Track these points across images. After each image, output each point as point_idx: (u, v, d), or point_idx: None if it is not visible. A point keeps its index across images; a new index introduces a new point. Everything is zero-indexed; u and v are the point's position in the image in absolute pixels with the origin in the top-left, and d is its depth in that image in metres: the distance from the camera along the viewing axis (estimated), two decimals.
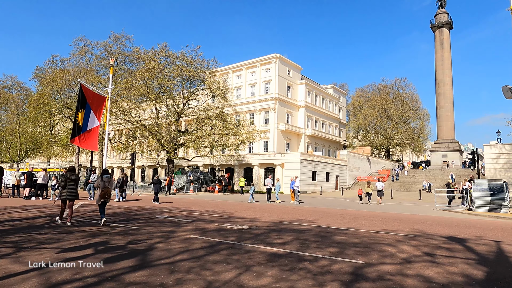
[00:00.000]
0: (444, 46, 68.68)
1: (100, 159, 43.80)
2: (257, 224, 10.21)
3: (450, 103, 67.94)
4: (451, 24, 69.98)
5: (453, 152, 66.07)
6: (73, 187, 9.83)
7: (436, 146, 68.18)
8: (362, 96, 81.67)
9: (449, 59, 68.88)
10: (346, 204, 23.25)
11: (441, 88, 67.70)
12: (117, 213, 12.62)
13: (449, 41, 70.11)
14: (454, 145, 66.52)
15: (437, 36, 69.61)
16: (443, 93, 67.13)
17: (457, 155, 66.47)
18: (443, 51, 68.39)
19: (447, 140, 66.82)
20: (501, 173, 30.26)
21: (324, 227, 9.90)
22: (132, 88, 34.79)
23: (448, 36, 69.82)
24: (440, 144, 67.28)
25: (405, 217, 14.42)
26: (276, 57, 59.37)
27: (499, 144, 31.34)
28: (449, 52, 69.04)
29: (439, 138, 67.68)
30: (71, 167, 10.31)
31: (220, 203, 20.39)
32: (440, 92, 67.49)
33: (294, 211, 15.75)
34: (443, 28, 68.93)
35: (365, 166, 62.04)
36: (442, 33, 69.12)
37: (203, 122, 35.92)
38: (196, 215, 12.39)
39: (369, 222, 11.82)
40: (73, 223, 9.64)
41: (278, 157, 47.32)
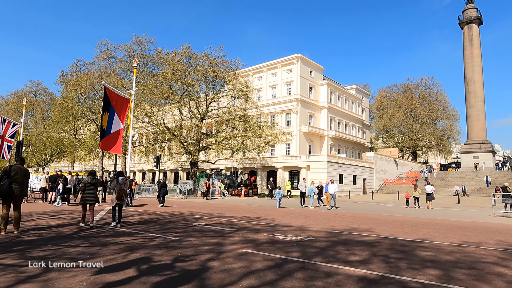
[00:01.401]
0: (474, 42, 65.59)
1: (123, 162, 43.47)
2: (311, 234, 8.88)
3: (481, 102, 64.69)
4: (481, 19, 66.85)
5: (485, 154, 62.73)
6: (93, 191, 10.04)
7: (466, 147, 64.92)
8: (386, 97, 79.04)
9: (479, 56, 65.69)
10: (388, 209, 21.59)
11: (470, 86, 64.62)
12: (149, 220, 11.55)
13: (479, 37, 66.91)
14: (486, 146, 63.18)
15: (466, 33, 66.58)
16: (473, 92, 64.05)
17: (489, 157, 63.07)
18: (472, 48, 65.32)
19: (478, 140, 63.55)
20: None
21: (392, 238, 8.47)
22: (156, 90, 34.18)
23: (477, 32, 66.66)
24: (471, 145, 64.04)
25: (468, 224, 12.76)
26: (298, 58, 57.95)
27: None
28: (478, 49, 65.84)
29: (470, 138, 64.49)
30: (91, 171, 10.44)
31: (252, 208, 19.13)
32: (470, 90, 64.42)
33: (339, 217, 14.31)
34: (472, 24, 65.90)
35: (392, 168, 59.63)
36: (471, 29, 66.07)
37: (227, 124, 34.86)
38: (235, 223, 11.16)
39: (435, 231, 10.30)
40: (104, 231, 8.60)
41: (303, 160, 45.79)
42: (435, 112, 73.14)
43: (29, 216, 11.90)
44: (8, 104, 58.31)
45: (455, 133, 71.62)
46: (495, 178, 51.50)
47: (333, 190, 20.19)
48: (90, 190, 9.95)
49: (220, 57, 36.42)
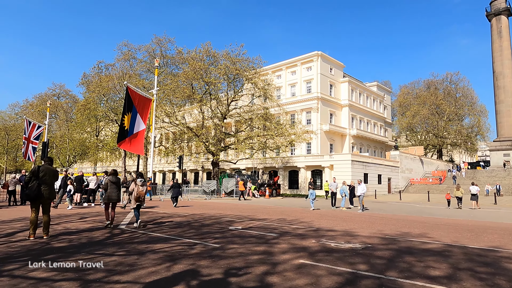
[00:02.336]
0: (503, 35, 62.60)
1: (144, 163, 43.42)
2: (363, 240, 7.96)
3: (511, 97, 61.66)
4: (510, 10, 63.73)
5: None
6: (115, 190, 10.20)
7: (496, 145, 62.00)
8: (409, 93, 76.56)
9: (509, 49, 62.63)
10: (426, 210, 20.28)
11: (500, 81, 61.72)
12: (181, 223, 10.88)
13: (508, 29, 63.81)
14: None
15: (494, 25, 63.64)
16: (502, 87, 61.15)
17: None
18: (501, 41, 62.35)
19: (509, 137, 60.58)
20: None
21: (459, 246, 7.46)
22: (177, 89, 33.80)
23: (506, 23, 63.61)
24: (501, 142, 61.11)
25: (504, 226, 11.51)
26: (318, 55, 56.66)
27: None
28: (508, 41, 62.77)
29: (500, 135, 61.57)
30: (113, 171, 10.59)
31: (282, 209, 18.28)
32: (499, 85, 61.55)
33: (380, 220, 13.29)
34: (500, 15, 62.94)
35: (418, 167, 57.53)
36: (499, 21, 63.13)
37: (251, 123, 34.12)
38: (274, 226, 10.34)
39: (500, 236, 9.19)
40: (137, 236, 7.96)
41: (326, 159, 44.55)
42: (462, 108, 70.26)
43: (57, 219, 11.45)
44: (32, 107, 59.57)
45: (484, 130, 68.53)
46: None
47: (360, 191, 19.07)
48: (113, 189, 10.10)
49: (241, 55, 35.82)
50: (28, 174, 7.94)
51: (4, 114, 69.95)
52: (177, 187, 19.95)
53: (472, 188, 21.76)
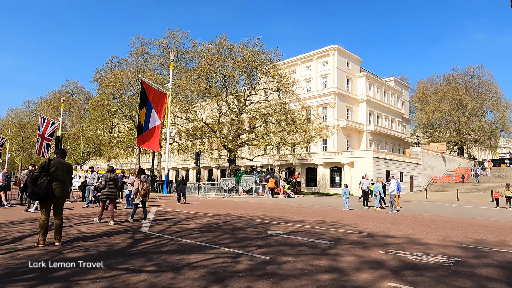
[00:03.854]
0: None
1: (159, 160, 42.45)
2: (440, 250, 6.48)
3: None
4: None
5: None
6: (113, 188, 9.93)
7: None
8: (428, 88, 73.85)
9: None
10: (468, 210, 18.59)
11: None
12: (209, 226, 9.55)
13: None
14: None
15: None
16: None
17: None
18: None
19: None
20: None
21: None
22: (192, 83, 32.58)
23: None
24: None
25: None
26: (334, 49, 54.79)
27: None
28: None
29: None
30: (110, 168, 10.34)
31: (313, 210, 16.86)
32: None
33: (431, 223, 11.77)
34: None
35: (440, 164, 55.27)
36: None
37: (269, 118, 32.64)
38: (318, 231, 8.93)
39: None
40: (164, 243, 6.66)
41: (346, 156, 42.83)
42: (485, 103, 67.37)
43: (71, 220, 10.28)
44: (47, 104, 59.28)
45: (509, 126, 65.54)
46: None
47: (392, 189, 17.29)
48: (110, 187, 9.84)
49: (258, 48, 34.32)
50: (37, 169, 6.69)
51: (19, 111, 70.14)
52: (183, 184, 19.72)
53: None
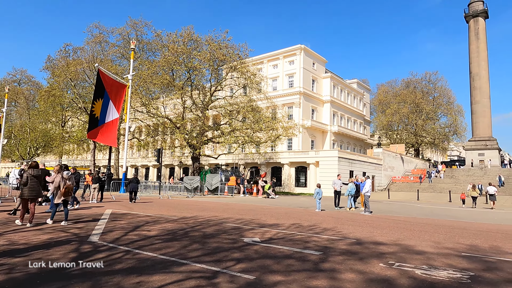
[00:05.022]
0: (480, 36, 63.47)
1: (116, 157, 39.71)
2: (444, 261, 5.74)
3: (487, 98, 62.83)
4: (487, 12, 64.77)
5: (491, 151, 60.87)
6: (36, 185, 9.03)
7: (471, 144, 62.97)
8: (389, 91, 76.61)
9: (485, 50, 63.67)
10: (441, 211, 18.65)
11: (476, 82, 62.62)
12: (174, 232, 8.22)
13: (485, 31, 64.82)
14: (492, 143, 61.32)
15: (472, 26, 64.45)
16: (479, 87, 62.09)
17: (495, 154, 61.26)
18: (478, 42, 63.20)
19: (484, 137, 61.63)
20: None
21: None
22: (155, 76, 30.53)
23: (483, 26, 64.56)
24: (476, 142, 62.10)
25: None
26: (301, 49, 54.83)
27: None
28: (485, 43, 63.75)
29: (475, 135, 62.54)
30: (33, 163, 9.40)
31: (285, 211, 15.96)
32: (476, 86, 62.44)
33: (411, 225, 11.28)
34: (478, 17, 63.80)
35: (399, 165, 57.19)
36: (477, 23, 63.95)
37: (236, 115, 31.44)
38: (299, 237, 7.93)
39: None
40: (119, 257, 5.33)
41: (311, 155, 42.73)
42: (440, 108, 71.14)
43: (2, 226, 8.48)
44: None
45: (461, 130, 69.67)
46: (507, 176, 49.49)
47: (366, 190, 16.94)
48: (33, 184, 8.90)
49: (225, 42, 32.97)
50: None
51: None
52: (135, 182, 18.64)
53: (490, 189, 21.01)
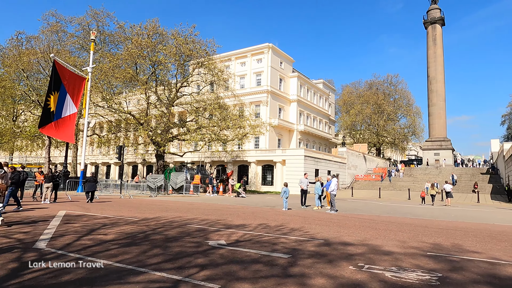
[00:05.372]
0: (437, 42, 66.96)
1: (74, 154, 37.53)
2: (412, 262, 5.70)
3: (442, 101, 66.42)
4: (444, 20, 68.48)
5: (446, 151, 64.50)
6: None
7: (428, 144, 66.38)
8: (353, 92, 78.91)
9: (442, 56, 67.26)
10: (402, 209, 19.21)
11: (433, 85, 66.01)
12: (134, 236, 7.65)
13: (442, 37, 68.48)
14: (446, 143, 65.00)
15: (430, 32, 67.83)
16: (435, 90, 65.49)
17: (449, 154, 64.97)
18: (435, 48, 66.65)
19: (439, 138, 65.18)
20: None
21: None
22: (117, 69, 29.09)
23: (440, 32, 68.15)
24: (433, 142, 65.57)
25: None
26: (269, 47, 54.92)
27: None
28: (441, 48, 67.37)
29: (431, 136, 66.00)
30: None
31: (251, 210, 15.69)
32: (433, 89, 65.82)
33: (376, 224, 11.41)
34: (435, 24, 67.26)
35: (361, 164, 59.03)
36: (434, 29, 67.41)
37: (203, 112, 30.70)
38: (267, 239, 7.66)
39: None
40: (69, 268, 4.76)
41: (278, 154, 42.91)
42: (400, 109, 74.33)
43: None
44: None
45: (419, 130, 73.27)
46: (460, 175, 52.50)
47: (332, 188, 17.09)
48: None
49: (191, 37, 32.08)
50: None
51: None
52: (93, 181, 17.69)
53: (446, 187, 21.96)
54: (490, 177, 46.88)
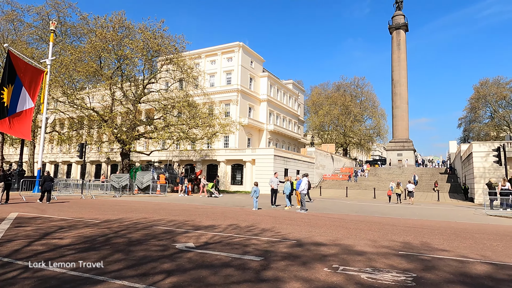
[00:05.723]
0: (401, 47, 69.61)
1: (31, 151, 35.22)
2: (385, 262, 5.62)
3: (406, 103, 69.10)
4: (407, 26, 71.31)
5: (408, 151, 67.20)
6: None
7: (392, 145, 68.92)
8: (321, 93, 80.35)
9: (405, 60, 69.95)
10: (369, 208, 19.54)
11: (397, 88, 68.55)
12: (93, 239, 7.05)
13: (405, 42, 71.24)
14: (408, 144, 67.75)
15: (394, 38, 70.39)
16: (399, 93, 68.03)
17: (411, 154, 67.76)
18: (399, 52, 69.26)
19: (402, 139, 67.82)
20: (490, 172, 29.13)
21: None
22: (79, 63, 27.52)
23: (404, 37, 70.86)
24: (396, 143, 68.12)
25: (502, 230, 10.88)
26: (239, 46, 54.61)
27: (488, 142, 30.23)
28: (405, 53, 70.09)
29: (395, 137, 68.57)
30: None
31: (221, 210, 15.29)
32: (396, 92, 68.32)
33: (345, 223, 11.43)
34: (400, 29, 69.89)
35: (329, 164, 60.14)
36: (399, 34, 70.01)
37: (172, 109, 29.77)
38: (238, 241, 7.35)
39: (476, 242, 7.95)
40: (14, 278, 4.20)
41: (248, 153, 42.67)
42: (366, 111, 76.62)
43: None
44: None
45: (383, 131, 75.88)
46: (421, 175, 54.78)
47: (303, 187, 17.10)
48: None
49: (160, 32, 31.01)
50: None
51: None
52: (49, 180, 16.98)
53: (409, 186, 22.68)
54: (448, 177, 49.34)
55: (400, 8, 72.61)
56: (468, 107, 74.83)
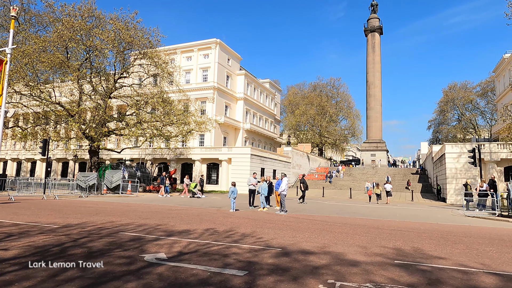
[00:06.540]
0: (375, 50, 70.84)
1: None
2: (384, 274, 5.01)
3: (379, 105, 70.42)
4: (382, 29, 72.77)
5: (381, 152, 68.55)
6: None
7: (366, 146, 70.08)
8: (298, 93, 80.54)
9: (380, 62, 71.25)
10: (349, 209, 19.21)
11: (371, 90, 69.73)
12: (47, 249, 6.02)
13: (380, 45, 72.56)
14: (381, 145, 69.12)
15: (369, 40, 71.57)
16: (373, 95, 69.24)
17: (384, 155, 69.17)
18: (374, 55, 70.48)
19: (375, 140, 69.09)
20: (461, 173, 29.81)
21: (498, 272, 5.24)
22: (44, 53, 25.57)
23: (379, 40, 72.17)
24: (370, 144, 69.31)
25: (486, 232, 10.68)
26: (216, 43, 53.53)
27: (460, 144, 30.96)
28: (379, 55, 71.39)
29: (368, 138, 69.75)
30: None
31: (196, 212, 14.36)
32: (371, 93, 69.50)
33: (330, 226, 10.87)
34: (375, 32, 71.14)
35: (305, 163, 60.20)
36: (374, 37, 71.23)
37: (145, 106, 28.34)
38: (216, 250, 6.54)
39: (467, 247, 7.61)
40: None
41: (224, 152, 41.70)
42: (341, 111, 77.53)
43: None
44: None
45: (358, 132, 77.02)
46: (393, 175, 55.83)
47: (283, 188, 16.48)
48: None
49: (133, 23, 29.45)
50: None
51: None
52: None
53: (387, 186, 22.72)
54: (420, 177, 50.53)
55: (375, 12, 73.92)
56: (437, 110, 77.43)
